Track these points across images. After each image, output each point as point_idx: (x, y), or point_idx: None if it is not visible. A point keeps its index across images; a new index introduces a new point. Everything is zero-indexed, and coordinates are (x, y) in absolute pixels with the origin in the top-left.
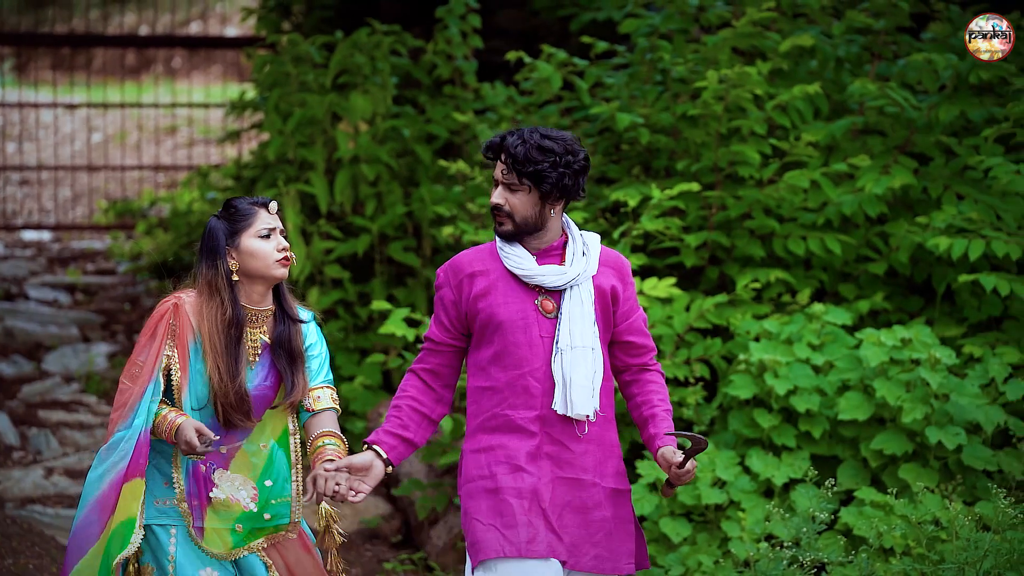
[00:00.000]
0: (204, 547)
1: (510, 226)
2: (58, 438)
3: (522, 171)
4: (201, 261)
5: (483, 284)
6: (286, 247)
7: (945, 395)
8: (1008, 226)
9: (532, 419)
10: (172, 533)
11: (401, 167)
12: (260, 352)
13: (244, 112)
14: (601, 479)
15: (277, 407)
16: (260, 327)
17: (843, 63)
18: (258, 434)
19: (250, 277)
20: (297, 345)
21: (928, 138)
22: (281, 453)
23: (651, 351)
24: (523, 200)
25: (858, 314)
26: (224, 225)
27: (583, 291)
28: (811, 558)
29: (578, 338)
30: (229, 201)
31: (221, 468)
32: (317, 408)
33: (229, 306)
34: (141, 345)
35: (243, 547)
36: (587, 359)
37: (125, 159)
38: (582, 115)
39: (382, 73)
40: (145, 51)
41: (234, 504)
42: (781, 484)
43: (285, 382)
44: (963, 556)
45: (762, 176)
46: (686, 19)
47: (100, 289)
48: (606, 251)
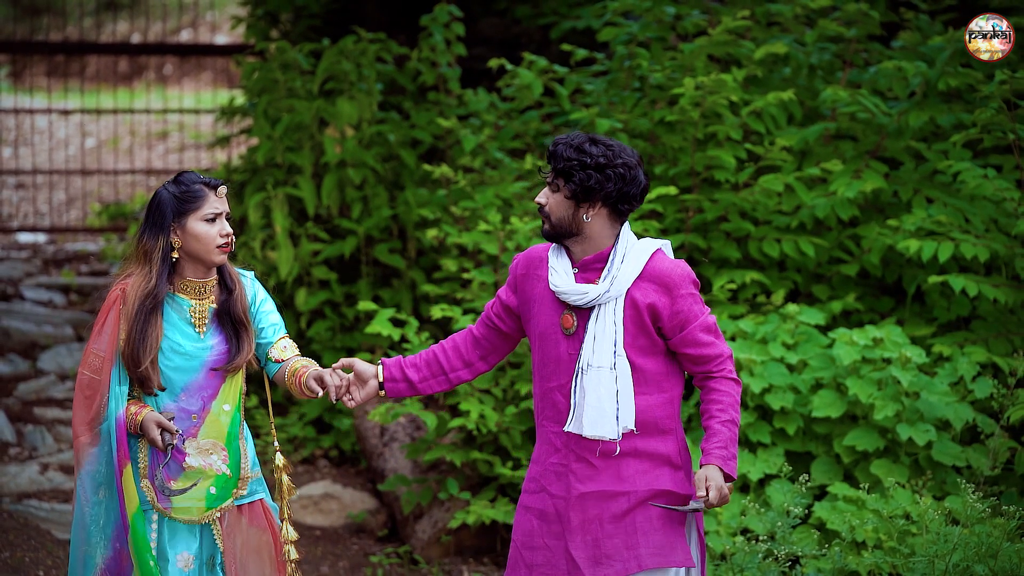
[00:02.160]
0: (177, 517)
1: (548, 226)
2: (53, 435)
3: (555, 167)
4: (144, 229)
5: (537, 288)
6: (229, 233)
7: (915, 393)
8: (976, 229)
9: (558, 433)
10: (153, 519)
11: (386, 171)
12: (209, 321)
13: (234, 117)
14: (637, 486)
15: (227, 370)
16: (208, 297)
17: (816, 70)
18: (223, 398)
19: (191, 257)
20: (238, 312)
21: (898, 143)
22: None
23: (713, 359)
24: (558, 200)
25: (831, 314)
26: (172, 201)
27: (609, 309)
28: (786, 551)
29: (596, 358)
30: (180, 175)
31: (191, 437)
32: (285, 358)
33: (154, 278)
34: (95, 333)
35: (216, 508)
36: (603, 380)
37: (118, 163)
38: (562, 121)
39: (368, 79)
40: (137, 58)
41: (208, 469)
42: (756, 480)
43: (231, 347)
44: (933, 549)
45: (738, 180)
46: (663, 27)
47: (94, 290)
48: (657, 262)
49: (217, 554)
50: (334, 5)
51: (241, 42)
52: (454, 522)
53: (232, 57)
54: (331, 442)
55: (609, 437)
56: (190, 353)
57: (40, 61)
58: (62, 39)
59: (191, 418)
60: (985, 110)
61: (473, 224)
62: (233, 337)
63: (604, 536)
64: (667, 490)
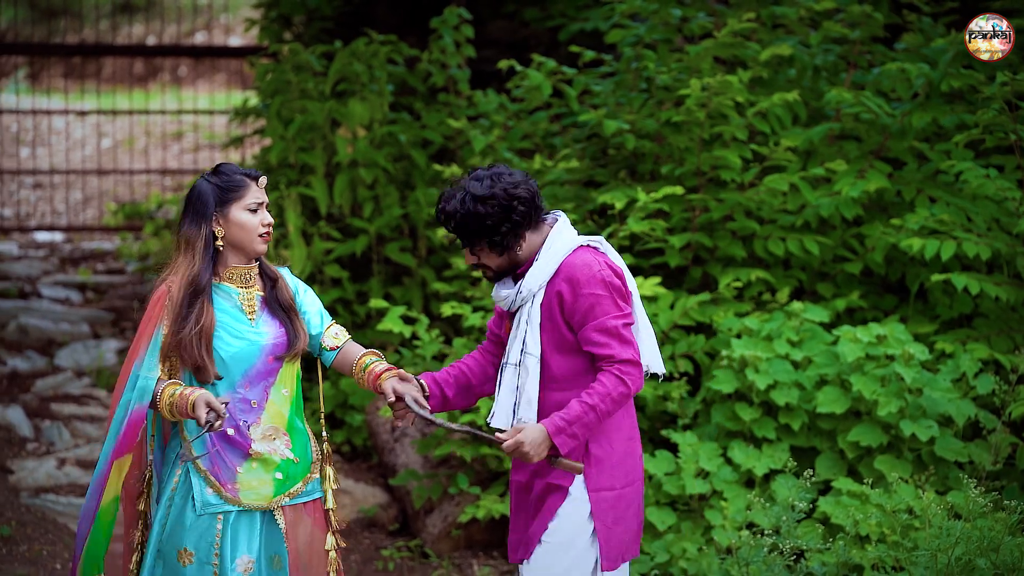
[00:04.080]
0: (245, 502)
1: (491, 274)
2: (70, 430)
3: (473, 244)
4: (185, 219)
5: None
6: (270, 223)
7: (918, 389)
8: (978, 227)
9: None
10: (218, 521)
11: (398, 171)
12: (258, 308)
13: (247, 118)
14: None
15: (288, 357)
16: (252, 286)
17: (820, 72)
18: (281, 383)
19: (233, 247)
20: (286, 298)
21: (902, 144)
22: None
23: (605, 359)
24: (488, 256)
25: (835, 312)
26: (215, 191)
27: (525, 310)
28: (791, 545)
29: (511, 356)
30: (220, 166)
31: (254, 423)
32: (340, 343)
33: (198, 263)
34: (140, 329)
35: (284, 494)
36: (509, 376)
37: (133, 163)
38: (570, 121)
39: (379, 81)
40: (152, 60)
41: (272, 455)
42: (762, 475)
43: (288, 333)
44: (935, 543)
45: (743, 180)
46: (670, 29)
47: (110, 288)
48: (570, 260)
49: (283, 553)
50: (346, 8)
51: (254, 44)
52: (464, 516)
53: (246, 59)
54: (343, 437)
55: (499, 426)
56: (247, 339)
57: (57, 63)
58: (79, 41)
59: (251, 405)
60: (987, 111)
61: None
62: (288, 322)
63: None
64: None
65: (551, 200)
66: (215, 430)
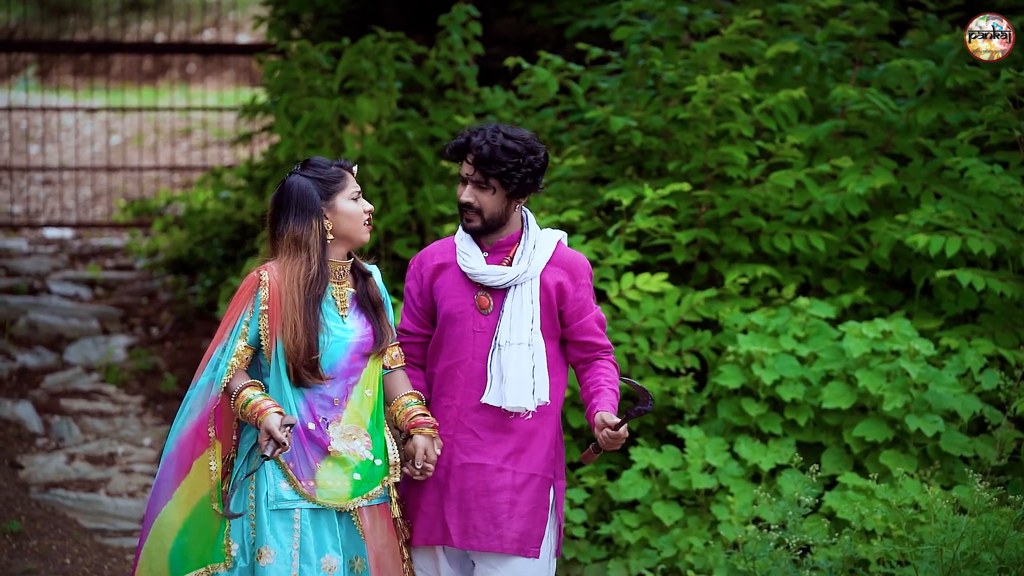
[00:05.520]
0: (322, 501)
1: (479, 223)
2: (79, 426)
3: (488, 172)
4: (287, 218)
5: (440, 276)
6: (371, 209)
7: (924, 385)
8: (983, 224)
9: (449, 407)
10: (296, 518)
11: (405, 168)
12: (349, 305)
13: (255, 115)
14: (515, 466)
15: (372, 355)
16: (344, 282)
17: (826, 68)
18: (364, 383)
19: (339, 238)
20: (376, 294)
21: (907, 140)
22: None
23: (603, 349)
24: (491, 198)
25: (841, 308)
26: (317, 184)
27: (526, 289)
28: (796, 540)
29: (515, 335)
30: (310, 161)
31: (334, 421)
32: (395, 366)
33: (316, 263)
34: (226, 313)
35: (362, 496)
36: (522, 355)
37: (142, 160)
38: (577, 118)
39: (387, 78)
40: (161, 57)
41: (351, 455)
42: (768, 470)
43: (375, 331)
44: (941, 538)
45: (749, 176)
46: (676, 27)
47: (119, 284)
48: (563, 251)
49: (364, 555)
50: (354, 5)
51: (263, 41)
52: None
53: (254, 56)
54: None
55: (528, 408)
56: (335, 335)
57: (66, 60)
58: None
59: (333, 403)
60: (992, 108)
61: None
62: (375, 320)
63: (475, 508)
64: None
65: (558, 196)
66: (271, 458)
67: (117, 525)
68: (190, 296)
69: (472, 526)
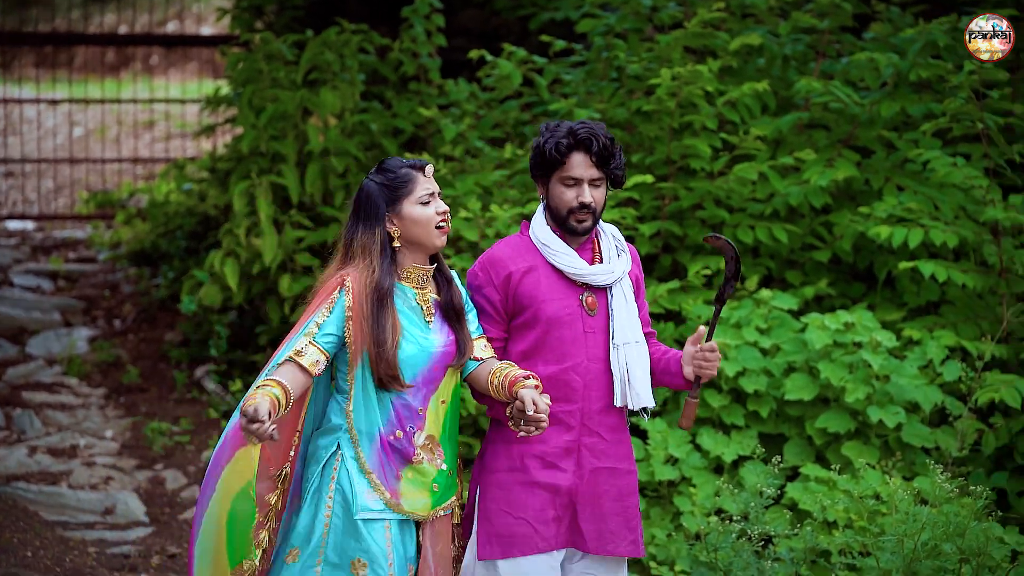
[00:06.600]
0: (408, 512)
1: (591, 222)
2: (41, 418)
3: (605, 167)
4: (356, 226)
5: (528, 281)
6: (445, 210)
7: (886, 376)
8: (945, 215)
9: (571, 412)
10: (387, 528)
11: (369, 160)
12: (434, 312)
13: (219, 107)
14: (631, 465)
15: (454, 365)
16: (428, 287)
17: (789, 61)
18: (442, 392)
19: (411, 244)
20: (459, 302)
21: (870, 132)
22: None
23: (651, 333)
24: (602, 194)
25: (803, 299)
26: (383, 191)
27: (624, 286)
28: (759, 531)
29: (630, 333)
30: (384, 163)
31: (419, 430)
32: (485, 356)
33: (377, 270)
34: (306, 310)
35: (440, 507)
36: (641, 353)
37: (105, 152)
38: (541, 110)
39: (350, 70)
40: (124, 49)
41: (431, 465)
42: (730, 461)
43: (458, 340)
44: (902, 529)
45: (713, 168)
46: (640, 19)
47: (81, 276)
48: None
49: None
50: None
51: (226, 33)
52: None
53: (217, 48)
54: None
55: (650, 406)
56: (420, 344)
57: (29, 52)
58: (50, 30)
59: (417, 412)
60: (954, 100)
61: (454, 212)
62: (458, 329)
63: (612, 513)
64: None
65: (521, 188)
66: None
67: (79, 518)
68: (153, 288)
69: (609, 531)
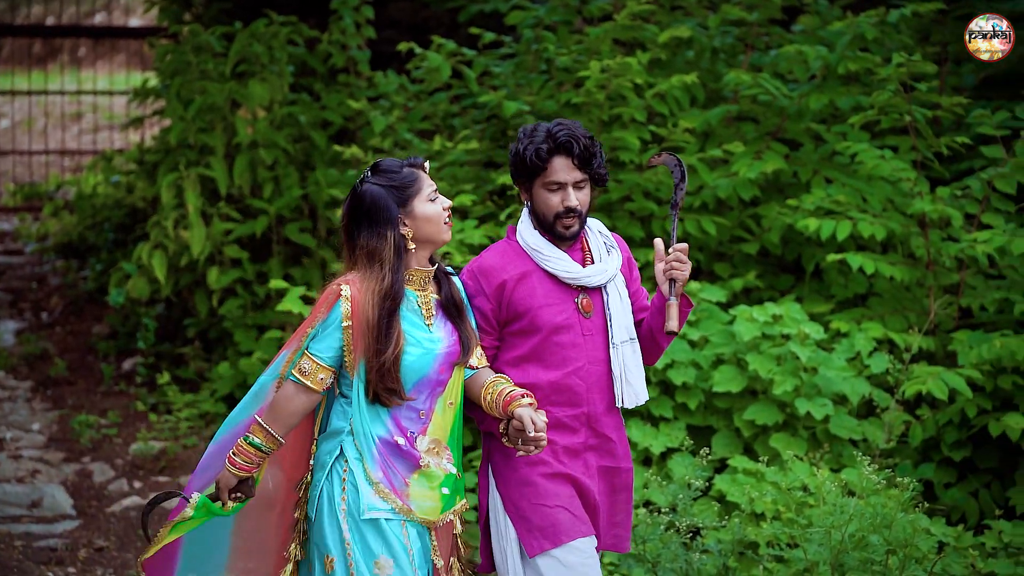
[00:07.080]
0: (419, 517)
1: (578, 226)
2: None
3: (587, 168)
4: (359, 231)
5: (522, 288)
6: (449, 205)
7: (814, 368)
8: (873, 208)
9: (576, 416)
10: (404, 527)
11: (297, 152)
12: (434, 313)
13: (147, 99)
14: (627, 462)
15: (460, 362)
16: (428, 288)
17: (718, 53)
18: (448, 394)
19: (421, 243)
20: (459, 296)
21: (798, 125)
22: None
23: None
24: (587, 196)
25: (732, 291)
26: (392, 192)
27: (618, 283)
28: (687, 523)
29: (626, 332)
30: (380, 165)
31: (420, 435)
32: (481, 365)
33: (390, 276)
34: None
35: (450, 510)
36: (636, 351)
37: (32, 144)
38: (470, 102)
39: (279, 62)
40: (52, 41)
41: (439, 468)
42: (659, 453)
43: (462, 337)
44: (830, 520)
45: (642, 161)
46: (569, 11)
47: (8, 268)
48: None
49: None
50: None
51: (154, 25)
52: None
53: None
54: None
55: (645, 401)
56: (424, 347)
57: None
58: None
59: (420, 416)
60: (883, 92)
61: None
62: (460, 326)
63: (622, 511)
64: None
65: (451, 180)
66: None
67: (5, 511)
68: (80, 280)
69: (618, 529)
